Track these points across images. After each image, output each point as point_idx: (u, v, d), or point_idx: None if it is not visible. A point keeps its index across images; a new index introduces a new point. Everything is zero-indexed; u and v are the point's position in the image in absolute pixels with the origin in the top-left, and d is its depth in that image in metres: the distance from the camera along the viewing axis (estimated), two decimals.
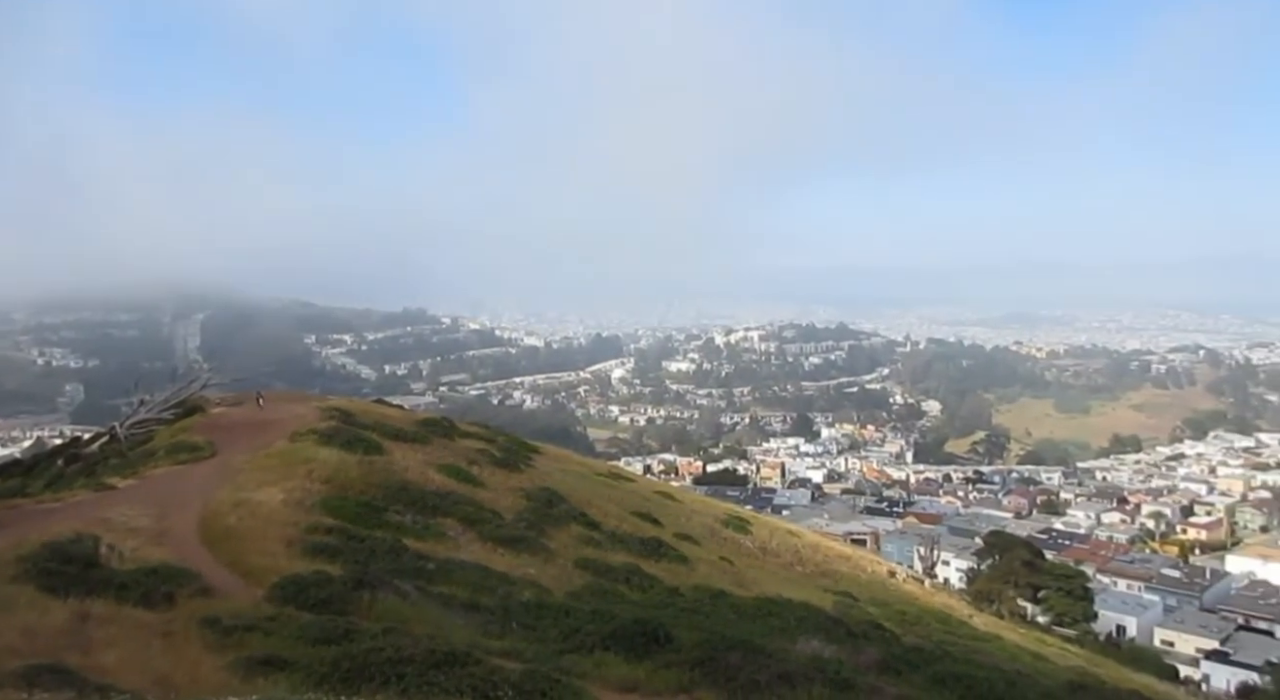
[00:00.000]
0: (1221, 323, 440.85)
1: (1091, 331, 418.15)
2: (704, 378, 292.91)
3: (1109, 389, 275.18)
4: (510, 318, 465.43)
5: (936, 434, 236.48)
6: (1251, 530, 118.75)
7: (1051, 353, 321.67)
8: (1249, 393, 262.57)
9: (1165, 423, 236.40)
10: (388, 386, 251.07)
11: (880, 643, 19.36)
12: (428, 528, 22.00)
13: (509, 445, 38.38)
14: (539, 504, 28.44)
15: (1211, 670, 58.91)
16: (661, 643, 11.64)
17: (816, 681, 10.13)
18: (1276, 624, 70.21)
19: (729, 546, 35.40)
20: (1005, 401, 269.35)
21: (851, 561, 45.21)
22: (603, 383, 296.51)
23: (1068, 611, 54.79)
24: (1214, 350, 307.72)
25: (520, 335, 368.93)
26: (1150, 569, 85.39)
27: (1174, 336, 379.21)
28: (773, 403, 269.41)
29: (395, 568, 16.41)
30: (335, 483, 23.16)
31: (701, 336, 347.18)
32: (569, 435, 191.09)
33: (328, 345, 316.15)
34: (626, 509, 33.49)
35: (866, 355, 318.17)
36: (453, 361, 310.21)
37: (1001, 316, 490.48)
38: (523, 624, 13.38)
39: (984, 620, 40.70)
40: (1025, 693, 15.75)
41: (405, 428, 34.11)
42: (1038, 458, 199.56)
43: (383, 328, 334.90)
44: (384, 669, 8.42)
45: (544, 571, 20.93)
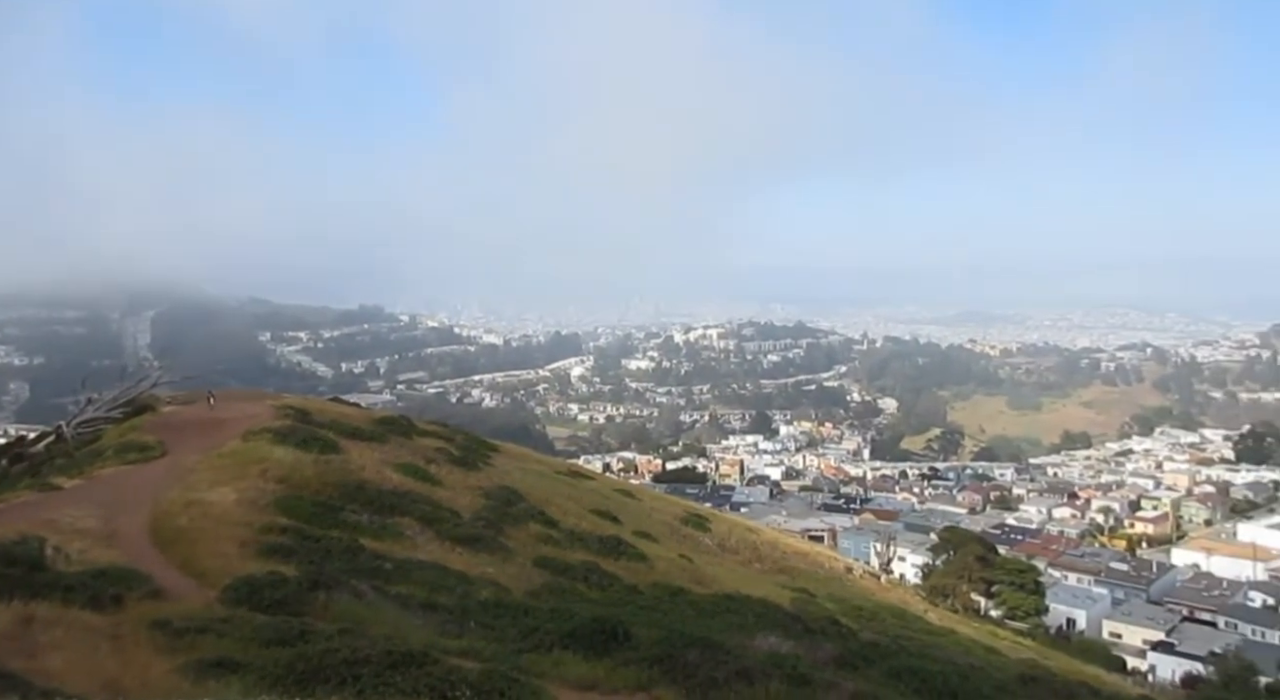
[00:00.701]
0: (1168, 321, 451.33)
1: (1043, 330, 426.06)
2: (663, 376, 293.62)
3: (1060, 386, 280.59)
4: (469, 315, 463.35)
5: (893, 431, 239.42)
6: (1196, 524, 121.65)
7: (1005, 351, 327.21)
8: (1194, 389, 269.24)
9: (1114, 419, 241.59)
10: (344, 384, 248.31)
11: (837, 638, 19.56)
12: (385, 527, 21.78)
13: (467, 444, 38.18)
14: (498, 503, 28.31)
15: (1157, 661, 60.27)
16: (620, 641, 11.65)
17: (774, 677, 10.20)
18: (1220, 615, 72.02)
19: (688, 544, 35.53)
20: (960, 399, 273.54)
21: (809, 558, 45.62)
22: (562, 381, 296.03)
23: (1020, 605, 55.76)
24: (1161, 348, 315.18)
25: (479, 333, 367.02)
26: (1099, 563, 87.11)
27: (1123, 335, 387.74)
28: (732, 400, 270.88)
29: (351, 568, 16.23)
30: (290, 482, 22.85)
31: (661, 335, 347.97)
32: (528, 433, 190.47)
33: (283, 343, 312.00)
34: (586, 507, 33.47)
35: (824, 353, 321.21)
36: (411, 359, 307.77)
37: (956, 315, 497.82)
38: (481, 623, 13.31)
39: (939, 615, 41.29)
40: (979, 686, 15.99)
41: (362, 426, 33.77)
42: (991, 454, 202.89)
43: (339, 325, 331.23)
44: (340, 670, 8.32)
45: (502, 570, 20.83)
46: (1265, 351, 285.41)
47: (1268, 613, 73.22)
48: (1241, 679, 44.47)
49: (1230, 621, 70.06)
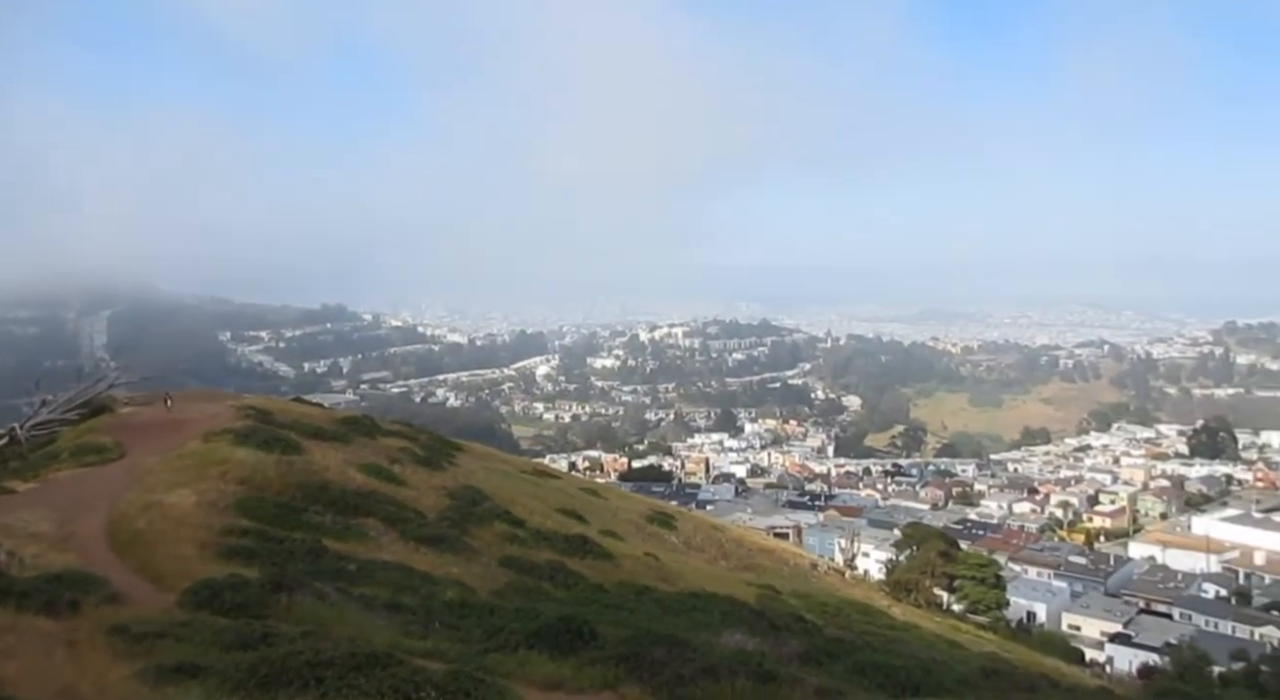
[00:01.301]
0: (1124, 319, 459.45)
1: (1004, 327, 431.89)
2: (629, 374, 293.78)
3: (1020, 383, 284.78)
4: (434, 315, 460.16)
5: (857, 428, 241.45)
6: (1152, 518, 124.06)
7: (966, 348, 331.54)
8: (1150, 386, 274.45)
9: (1073, 415, 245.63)
10: (307, 384, 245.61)
11: (802, 634, 19.71)
12: (348, 528, 21.59)
13: (432, 443, 37.94)
14: (462, 502, 28.18)
15: (1115, 652, 61.39)
16: (586, 639, 11.65)
17: (740, 674, 10.25)
18: (1175, 607, 73.48)
19: (654, 542, 35.58)
20: (922, 396, 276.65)
21: (774, 555, 45.88)
22: (527, 380, 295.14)
23: (981, 599, 56.52)
24: (1117, 345, 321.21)
25: (444, 332, 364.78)
26: (1058, 557, 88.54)
27: (1081, 332, 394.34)
28: (697, 398, 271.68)
29: (315, 569, 16.08)
30: (251, 483, 22.57)
31: (626, 333, 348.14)
32: (493, 433, 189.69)
33: (244, 342, 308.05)
34: (551, 506, 33.41)
35: (789, 351, 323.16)
36: (374, 359, 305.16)
37: (919, 313, 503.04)
38: (446, 624, 13.24)
39: (902, 610, 41.72)
40: (941, 679, 16.20)
41: (325, 426, 33.44)
42: (953, 450, 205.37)
43: (301, 324, 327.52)
44: (302, 672, 8.23)
45: (468, 570, 20.74)
46: (1218, 349, 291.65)
47: (1221, 604, 74.85)
48: (1196, 669, 45.46)
49: (1185, 613, 71.50)
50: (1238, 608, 72.78)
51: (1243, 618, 68.87)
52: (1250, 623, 67.47)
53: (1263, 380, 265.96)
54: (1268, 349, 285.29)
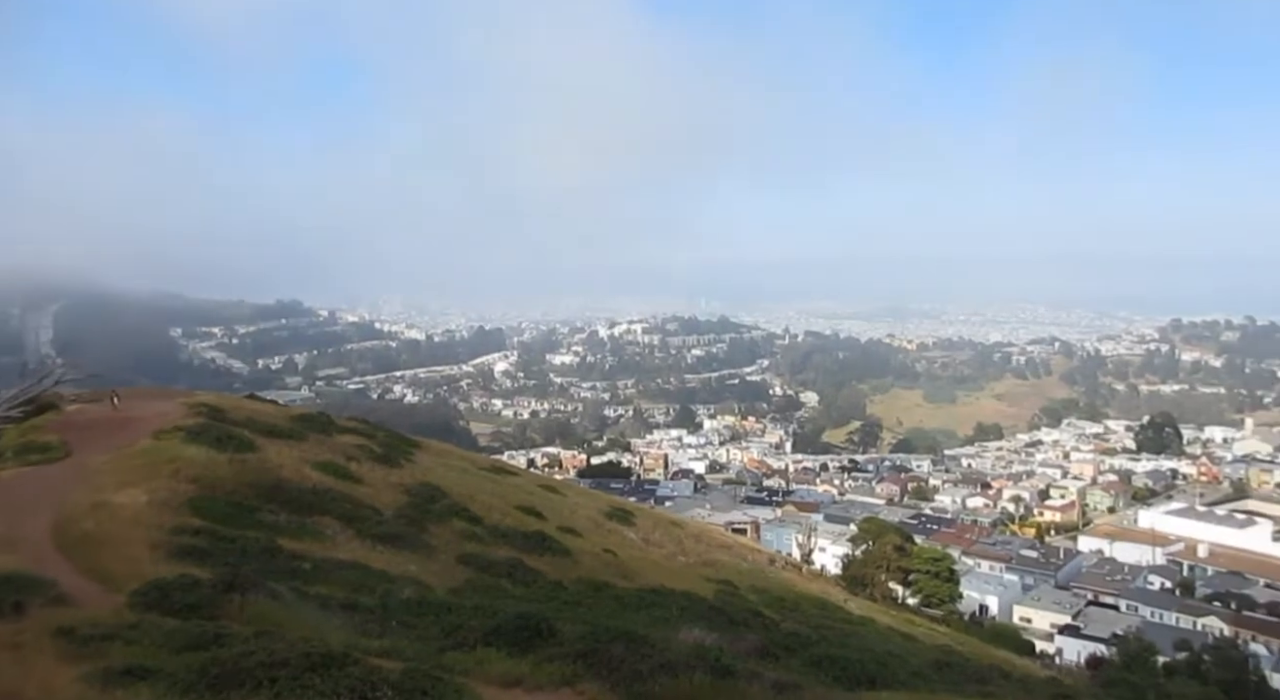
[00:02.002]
0: (1075, 317, 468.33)
1: (958, 324, 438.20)
2: (588, 370, 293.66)
3: (974, 379, 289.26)
4: (391, 311, 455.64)
5: (814, 424, 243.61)
6: (1101, 511, 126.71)
7: (921, 345, 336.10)
8: (1099, 382, 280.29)
9: (1024, 411, 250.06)
10: (261, 381, 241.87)
11: (760, 629, 19.88)
12: (303, 527, 21.34)
13: (389, 440, 37.60)
14: (420, 500, 27.98)
15: (1064, 644, 62.71)
16: (545, 636, 11.64)
17: (698, 669, 10.30)
18: (1122, 599, 75.20)
19: (613, 538, 35.60)
20: (878, 392, 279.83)
21: (732, 550, 46.14)
22: (485, 376, 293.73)
23: (935, 593, 57.29)
24: (1068, 342, 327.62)
25: (401, 328, 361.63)
26: (1010, 550, 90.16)
27: (1032, 329, 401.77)
28: (656, 395, 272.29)
29: (269, 569, 15.86)
30: (203, 482, 22.20)
31: (585, 329, 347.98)
32: (451, 430, 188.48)
33: (196, 339, 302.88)
34: (509, 503, 33.28)
35: (747, 348, 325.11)
36: (330, 355, 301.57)
37: (875, 310, 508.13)
38: (403, 622, 13.15)
39: (858, 604, 42.17)
40: (896, 672, 16.44)
41: (279, 423, 32.98)
42: (908, 446, 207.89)
43: (255, 320, 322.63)
44: (256, 673, 8.13)
45: (425, 568, 20.61)
46: (1164, 346, 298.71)
47: (1165, 595, 76.75)
48: (1141, 659, 46.49)
49: (1131, 605, 73.23)
50: (1181, 599, 74.70)
51: (1186, 609, 70.69)
52: (1193, 613, 69.28)
53: (1206, 377, 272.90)
54: (1211, 346, 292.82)
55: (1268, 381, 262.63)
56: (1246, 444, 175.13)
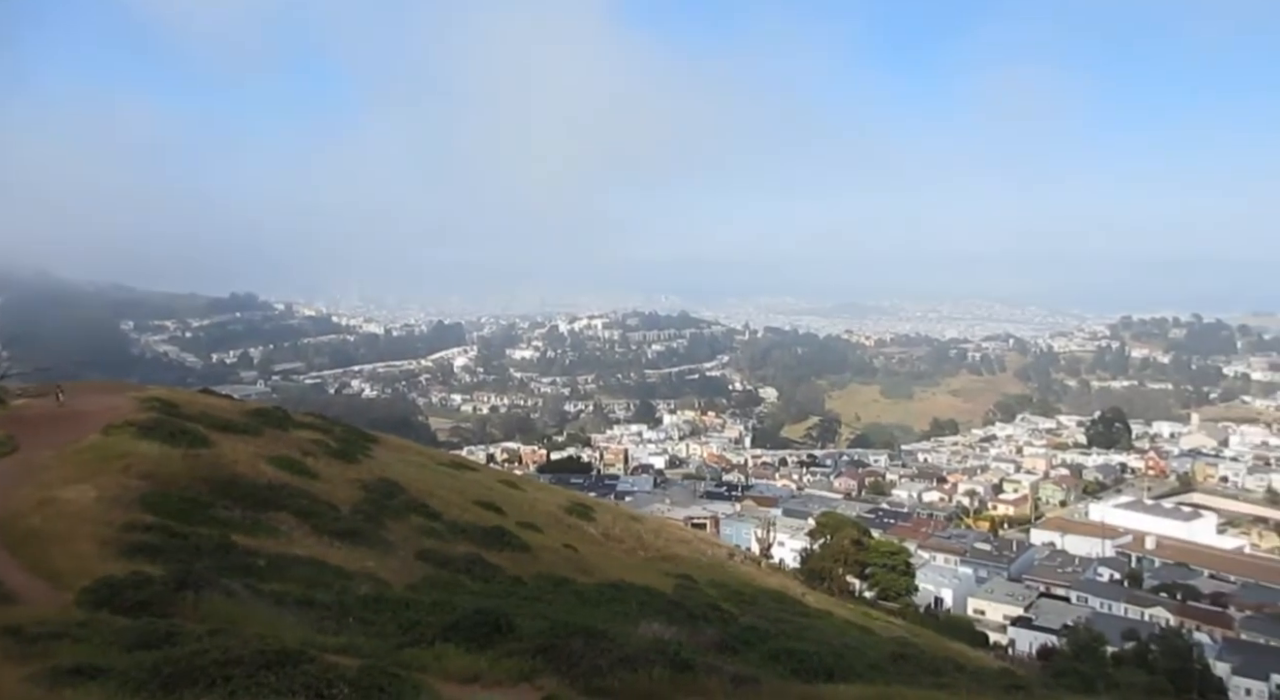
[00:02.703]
0: (1028, 313, 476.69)
1: (915, 321, 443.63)
2: (548, 365, 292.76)
3: (930, 375, 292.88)
4: (348, 304, 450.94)
5: (773, 419, 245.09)
6: (1053, 505, 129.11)
7: (879, 341, 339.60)
8: (1051, 378, 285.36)
9: (979, 407, 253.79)
10: (215, 375, 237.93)
11: (719, 623, 19.99)
12: (258, 523, 21.06)
13: (346, 435, 37.20)
14: (377, 495, 27.73)
15: (1017, 635, 63.81)
16: (503, 632, 11.61)
17: (657, 663, 10.34)
18: (1072, 590, 76.69)
19: (572, 534, 35.58)
20: (837, 388, 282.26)
21: (692, 545, 46.33)
22: (445, 371, 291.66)
23: (892, 586, 58.01)
24: (1022, 339, 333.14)
25: (359, 322, 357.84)
26: (965, 544, 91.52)
27: (987, 326, 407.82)
28: (616, 390, 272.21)
29: (223, 566, 15.63)
30: (156, 478, 21.82)
31: (546, 324, 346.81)
32: (409, 425, 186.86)
33: (148, 332, 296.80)
34: (469, 499, 33.12)
35: (707, 343, 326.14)
36: (286, 349, 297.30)
37: (833, 306, 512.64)
38: (360, 619, 13.03)
39: (816, 598, 42.56)
40: (852, 664, 16.63)
41: (234, 418, 32.48)
42: (866, 441, 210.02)
43: (209, 314, 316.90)
44: (209, 671, 8.01)
45: (383, 564, 20.45)
46: (1114, 342, 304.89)
47: (1114, 587, 78.39)
48: (1091, 649, 47.53)
49: (1081, 596, 74.70)
50: (1130, 590, 76.33)
51: (1134, 599, 72.27)
52: (1141, 604, 70.84)
53: (1154, 373, 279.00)
54: (1159, 343, 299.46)
55: (1213, 378, 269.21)
56: (1192, 439, 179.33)
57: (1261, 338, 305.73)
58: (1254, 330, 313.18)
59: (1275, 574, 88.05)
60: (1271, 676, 55.65)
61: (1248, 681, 55.22)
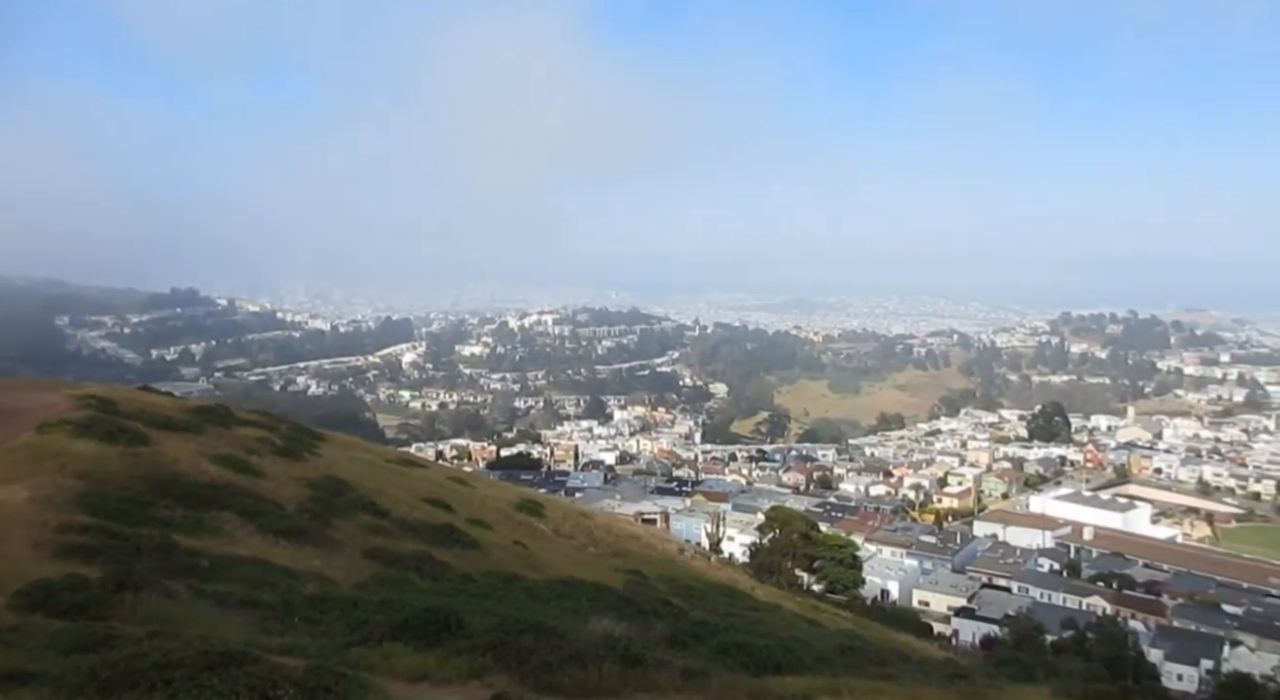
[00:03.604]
0: (972, 309, 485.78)
1: (862, 317, 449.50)
2: (498, 361, 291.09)
3: (877, 371, 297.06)
4: (294, 300, 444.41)
5: (723, 415, 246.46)
6: (995, 497, 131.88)
7: (827, 337, 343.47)
8: (994, 373, 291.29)
9: (925, 401, 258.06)
10: (155, 372, 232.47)
11: (669, 618, 20.07)
12: (200, 522, 20.62)
13: (292, 433, 36.58)
14: (324, 493, 27.33)
15: (960, 625, 65.10)
16: (453, 630, 11.53)
17: (607, 659, 10.35)
18: (1014, 581, 78.41)
19: (522, 530, 35.42)
20: (786, 383, 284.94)
21: (642, 541, 46.39)
22: (393, 367, 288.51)
23: (839, 579, 58.79)
24: (966, 335, 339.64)
25: (305, 318, 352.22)
26: (910, 536, 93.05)
27: (932, 322, 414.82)
28: (566, 386, 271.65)
29: (163, 567, 15.29)
30: (93, 477, 21.24)
31: (495, 320, 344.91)
32: (357, 422, 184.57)
33: (84, 328, 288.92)
34: (417, 496, 32.79)
35: (657, 339, 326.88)
36: (230, 346, 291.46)
37: (783, 302, 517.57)
38: (306, 618, 12.84)
39: (765, 592, 42.92)
40: (801, 657, 16.80)
41: (175, 416, 31.75)
42: (814, 436, 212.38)
43: (149, 309, 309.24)
44: (149, 674, 7.83)
45: (330, 563, 20.16)
46: (1054, 338, 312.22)
47: (1054, 577, 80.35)
48: (1031, 638, 48.71)
49: (1022, 586, 76.45)
50: (1068, 580, 78.35)
51: (1072, 589, 74.19)
52: (1079, 594, 72.74)
53: (1092, 368, 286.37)
54: (1097, 339, 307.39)
55: (1148, 372, 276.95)
56: (1128, 432, 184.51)
57: (1193, 333, 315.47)
58: (1186, 326, 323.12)
59: (1205, 563, 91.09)
60: (1201, 662, 57.57)
61: (1179, 667, 57.04)
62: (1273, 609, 72.91)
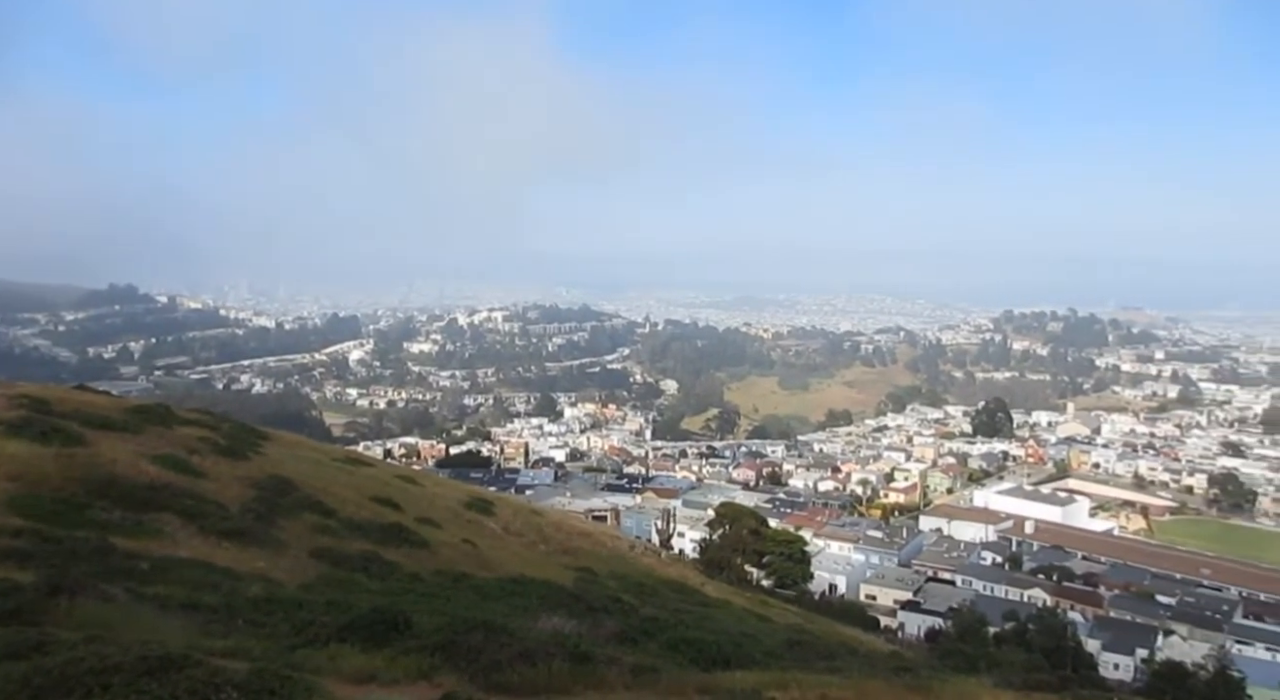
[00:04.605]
0: (918, 307, 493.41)
1: (811, 314, 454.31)
2: (447, 359, 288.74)
3: (825, 367, 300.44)
4: (237, 297, 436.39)
5: (674, 411, 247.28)
6: (940, 492, 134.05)
7: (776, 334, 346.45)
8: (939, 369, 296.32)
9: (872, 397, 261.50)
10: (92, 371, 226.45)
11: (619, 614, 20.09)
12: (140, 524, 20.14)
13: (235, 432, 35.87)
14: (269, 493, 26.86)
15: (906, 619, 66.12)
16: (401, 630, 11.41)
17: (557, 656, 10.34)
18: (958, 574, 79.83)
19: (472, 529, 35.19)
20: (735, 379, 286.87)
21: (592, 538, 46.36)
22: (340, 365, 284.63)
23: (788, 574, 59.32)
24: (912, 332, 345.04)
25: (249, 315, 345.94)
26: (858, 531, 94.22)
27: (879, 319, 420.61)
28: (517, 383, 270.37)
29: (101, 570, 14.91)
30: (26, 479, 20.64)
31: (445, 317, 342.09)
32: (303, 420, 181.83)
33: (16, 325, 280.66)
34: (365, 495, 32.39)
35: (608, 336, 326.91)
36: (170, 344, 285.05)
37: (733, 300, 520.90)
38: (250, 621, 12.62)
39: (715, 587, 43.17)
40: (750, 652, 16.95)
41: (113, 416, 30.96)
42: (764, 432, 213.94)
43: (85, 306, 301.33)
44: (86, 680, 7.63)
45: (275, 564, 19.85)
46: (997, 335, 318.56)
47: (996, 569, 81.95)
48: (974, 630, 49.61)
49: (966, 579, 77.87)
50: (1010, 573, 79.94)
51: (1014, 582, 75.73)
52: (1021, 586, 74.29)
53: (1034, 364, 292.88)
54: (1038, 336, 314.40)
55: (1087, 369, 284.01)
56: (1068, 427, 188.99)
57: (1130, 331, 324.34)
58: (1124, 324, 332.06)
59: (1141, 555, 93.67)
60: (1136, 651, 59.23)
61: (1116, 656, 58.64)
62: (1204, 599, 75.26)
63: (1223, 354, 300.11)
